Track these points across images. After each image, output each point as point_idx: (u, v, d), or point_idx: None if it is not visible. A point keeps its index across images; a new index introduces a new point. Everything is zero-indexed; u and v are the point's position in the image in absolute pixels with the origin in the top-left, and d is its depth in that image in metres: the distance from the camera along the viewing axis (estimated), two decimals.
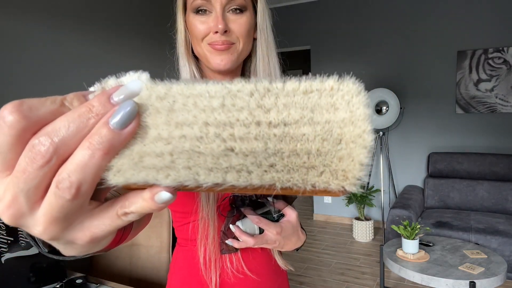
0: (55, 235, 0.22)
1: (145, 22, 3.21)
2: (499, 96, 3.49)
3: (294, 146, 0.20)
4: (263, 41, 0.70)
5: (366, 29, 4.07)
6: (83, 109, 0.21)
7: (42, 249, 0.30)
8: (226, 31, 0.64)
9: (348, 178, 0.20)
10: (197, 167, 0.21)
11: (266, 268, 0.76)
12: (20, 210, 0.21)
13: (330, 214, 4.48)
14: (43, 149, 0.20)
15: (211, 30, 0.64)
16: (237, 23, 0.65)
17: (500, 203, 3.31)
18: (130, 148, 0.21)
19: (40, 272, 1.20)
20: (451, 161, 3.57)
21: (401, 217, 3.06)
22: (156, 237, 1.75)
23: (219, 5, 0.63)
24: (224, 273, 0.72)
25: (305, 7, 4.37)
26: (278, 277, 0.80)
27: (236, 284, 0.73)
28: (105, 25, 2.83)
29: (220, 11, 0.63)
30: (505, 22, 3.43)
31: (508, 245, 2.74)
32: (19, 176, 0.20)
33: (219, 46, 0.64)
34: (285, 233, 0.66)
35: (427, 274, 2.07)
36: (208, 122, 0.21)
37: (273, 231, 0.64)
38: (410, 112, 3.92)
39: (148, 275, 1.72)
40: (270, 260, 0.77)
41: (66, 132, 0.20)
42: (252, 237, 0.64)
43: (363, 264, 3.24)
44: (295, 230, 0.69)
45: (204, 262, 0.70)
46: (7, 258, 1.14)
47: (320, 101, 0.21)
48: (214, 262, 0.70)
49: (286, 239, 0.67)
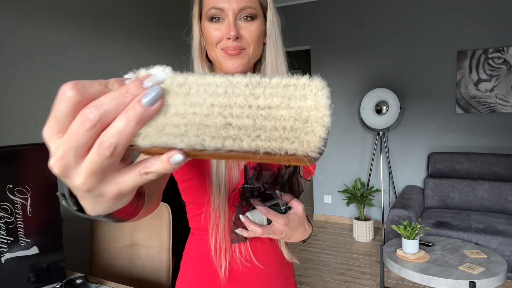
0: (91, 187, 0.29)
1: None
2: (499, 96, 3.49)
3: (274, 123, 0.28)
4: (272, 46, 0.75)
5: (366, 29, 4.07)
6: (122, 90, 0.27)
7: (72, 207, 0.35)
8: (238, 37, 0.69)
9: (311, 147, 0.28)
10: (204, 135, 0.29)
11: (273, 259, 0.81)
12: (68, 163, 0.27)
13: (330, 214, 4.48)
14: (92, 116, 0.26)
15: (224, 37, 0.69)
16: (248, 30, 0.70)
17: (500, 203, 3.31)
18: (155, 120, 0.29)
19: (40, 272, 1.20)
20: (451, 161, 3.57)
21: (401, 217, 3.06)
22: (156, 237, 1.75)
23: (232, 14, 0.68)
24: (233, 261, 0.77)
25: (305, 7, 4.37)
26: (284, 269, 0.84)
27: (244, 272, 0.78)
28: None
29: (232, 19, 0.69)
30: (505, 22, 3.43)
31: (508, 245, 2.74)
32: (71, 136, 0.26)
33: (231, 51, 0.70)
34: (291, 225, 0.70)
35: (427, 274, 2.07)
36: (214, 104, 0.29)
37: (281, 222, 0.68)
38: (410, 112, 3.92)
39: (148, 275, 1.72)
40: (277, 251, 0.81)
41: (109, 106, 0.27)
42: (260, 227, 0.68)
43: (363, 264, 3.24)
44: (302, 222, 0.73)
45: (215, 250, 0.75)
46: (7, 258, 1.14)
47: (295, 92, 0.29)
48: (224, 251, 0.75)
49: (292, 230, 0.71)
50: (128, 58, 3.08)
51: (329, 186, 4.42)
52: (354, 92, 4.21)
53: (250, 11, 0.70)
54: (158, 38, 3.34)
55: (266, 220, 0.71)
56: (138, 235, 1.77)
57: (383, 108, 3.71)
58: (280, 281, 0.83)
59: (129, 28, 3.07)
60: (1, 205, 1.11)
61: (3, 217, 1.12)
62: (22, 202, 1.15)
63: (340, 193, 4.29)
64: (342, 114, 4.28)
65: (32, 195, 1.17)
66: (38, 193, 1.18)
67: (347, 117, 4.27)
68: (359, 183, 4.04)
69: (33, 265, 1.19)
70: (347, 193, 3.96)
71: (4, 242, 1.13)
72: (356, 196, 3.86)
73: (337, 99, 4.30)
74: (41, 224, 1.20)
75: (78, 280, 1.26)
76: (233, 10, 0.68)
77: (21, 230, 1.15)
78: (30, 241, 1.18)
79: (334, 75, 4.30)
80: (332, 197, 4.44)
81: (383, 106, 3.71)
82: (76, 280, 1.26)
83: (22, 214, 1.15)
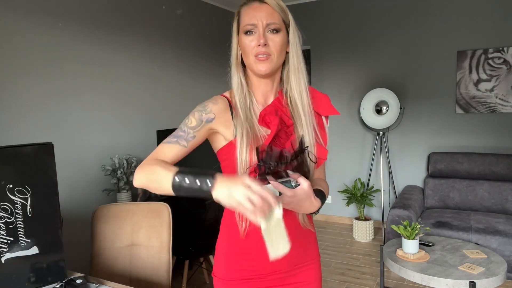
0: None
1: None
2: (499, 96, 3.49)
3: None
4: (294, 53, 0.99)
5: (366, 29, 4.07)
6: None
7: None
8: (266, 44, 0.93)
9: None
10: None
11: (289, 224, 0.95)
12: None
13: (330, 214, 4.48)
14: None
15: (256, 44, 0.93)
16: (273, 40, 0.94)
17: (500, 203, 3.31)
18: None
19: (40, 272, 1.20)
20: (451, 161, 3.57)
21: (401, 217, 3.06)
22: (156, 237, 1.75)
23: (261, 27, 0.93)
24: (252, 224, 0.95)
25: (305, 7, 4.37)
26: (302, 235, 1.05)
27: (260, 232, 0.95)
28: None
29: (262, 31, 0.93)
30: (505, 22, 3.43)
31: (508, 245, 2.74)
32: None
33: (261, 56, 0.93)
34: (298, 197, 0.88)
35: (427, 274, 2.07)
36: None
37: (288, 193, 0.87)
38: (410, 112, 3.92)
39: (148, 275, 1.72)
40: (294, 219, 1.02)
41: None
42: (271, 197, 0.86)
43: (363, 264, 3.24)
44: (308, 196, 0.89)
45: (239, 214, 0.98)
46: (7, 258, 1.14)
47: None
48: (246, 219, 0.97)
49: (299, 202, 0.89)
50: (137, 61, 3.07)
51: (329, 186, 4.42)
52: (354, 92, 4.21)
53: (275, 26, 0.93)
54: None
55: (278, 193, 0.87)
56: (138, 235, 1.77)
57: (383, 108, 3.71)
58: (297, 244, 1.00)
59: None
60: (1, 205, 1.11)
61: (3, 217, 1.12)
62: (22, 202, 1.15)
63: (340, 193, 4.29)
64: (342, 114, 4.29)
65: (32, 195, 1.17)
66: (38, 193, 1.18)
67: (347, 117, 4.27)
68: (359, 183, 4.04)
69: (33, 265, 1.19)
70: (347, 193, 3.96)
71: (4, 242, 1.13)
72: (356, 196, 3.87)
73: (337, 99, 4.30)
74: (41, 224, 1.20)
75: (78, 280, 1.26)
76: (262, 26, 0.92)
77: (21, 230, 1.16)
78: (30, 241, 1.18)
79: (334, 75, 4.30)
80: (332, 197, 4.44)
81: (383, 106, 3.71)
82: (76, 280, 1.26)
83: (22, 214, 1.15)
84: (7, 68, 2.21)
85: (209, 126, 0.98)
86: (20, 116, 2.28)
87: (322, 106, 1.06)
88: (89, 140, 2.73)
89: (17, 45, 2.25)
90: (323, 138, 1.06)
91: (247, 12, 0.95)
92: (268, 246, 0.81)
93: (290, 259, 1.01)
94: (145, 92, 3.24)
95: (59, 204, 1.25)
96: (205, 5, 3.97)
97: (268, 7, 0.94)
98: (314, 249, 1.10)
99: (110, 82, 2.90)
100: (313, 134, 0.99)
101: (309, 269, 1.07)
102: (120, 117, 3.00)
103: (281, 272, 1.02)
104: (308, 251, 1.07)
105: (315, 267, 1.09)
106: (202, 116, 0.97)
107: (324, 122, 1.08)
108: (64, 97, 2.55)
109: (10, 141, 2.21)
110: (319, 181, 1.11)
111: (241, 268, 1.01)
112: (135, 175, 0.92)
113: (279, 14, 0.95)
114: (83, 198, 2.68)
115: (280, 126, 0.97)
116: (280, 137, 0.97)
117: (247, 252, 1.01)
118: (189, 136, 0.96)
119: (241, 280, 1.01)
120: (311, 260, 1.08)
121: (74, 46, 2.61)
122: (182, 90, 3.67)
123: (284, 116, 0.99)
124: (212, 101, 1.00)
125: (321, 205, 0.97)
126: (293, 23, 0.98)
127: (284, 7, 0.97)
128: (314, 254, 1.10)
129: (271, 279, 1.01)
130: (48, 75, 2.43)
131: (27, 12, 2.30)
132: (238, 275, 1.01)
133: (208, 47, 3.96)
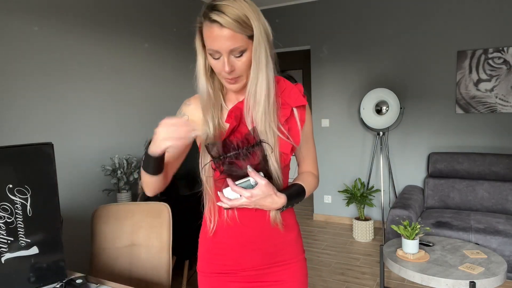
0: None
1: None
2: (499, 96, 3.49)
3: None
4: (259, 55, 0.90)
5: (366, 29, 4.07)
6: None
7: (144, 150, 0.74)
8: (232, 70, 0.90)
9: None
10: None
11: (256, 222, 1.01)
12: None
13: (330, 214, 4.48)
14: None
15: (222, 71, 0.90)
16: (239, 64, 0.90)
17: (500, 203, 3.31)
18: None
19: (40, 272, 1.20)
20: (451, 161, 3.57)
21: (401, 217, 3.06)
22: (156, 237, 1.75)
23: (225, 54, 0.88)
24: (221, 221, 1.03)
25: (305, 7, 4.37)
26: (273, 235, 1.03)
27: (230, 228, 1.02)
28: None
29: (226, 58, 0.88)
30: (505, 22, 3.43)
31: (508, 245, 2.74)
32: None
33: (230, 80, 0.93)
34: (256, 197, 0.91)
35: (427, 274, 2.07)
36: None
37: (245, 195, 0.91)
38: (410, 112, 3.92)
39: (148, 275, 1.72)
40: (263, 217, 1.01)
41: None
42: (230, 201, 0.93)
43: (363, 264, 3.24)
44: (267, 195, 0.92)
45: (209, 210, 1.04)
46: (7, 258, 1.14)
47: None
48: (213, 213, 1.04)
49: (259, 201, 0.92)
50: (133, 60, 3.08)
51: (329, 186, 4.42)
52: (354, 92, 4.21)
53: (239, 50, 0.88)
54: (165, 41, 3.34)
55: (239, 195, 0.92)
56: (138, 235, 1.77)
57: (383, 108, 3.71)
58: (270, 243, 1.02)
59: (134, 30, 3.07)
60: (1, 205, 1.11)
61: (3, 217, 1.12)
62: (22, 202, 1.15)
63: (340, 193, 4.29)
64: (342, 114, 4.29)
65: (32, 195, 1.17)
66: (38, 193, 1.18)
67: (347, 117, 4.27)
68: (359, 183, 4.04)
69: (33, 265, 1.19)
70: (347, 193, 3.96)
71: (4, 242, 1.13)
72: (356, 196, 3.87)
73: (337, 99, 4.30)
74: (41, 224, 1.20)
75: (78, 280, 1.26)
76: (226, 52, 0.87)
77: (21, 230, 1.16)
78: (30, 241, 1.18)
79: (334, 75, 4.30)
80: (332, 197, 4.44)
81: (383, 106, 3.71)
82: (76, 280, 1.26)
83: (22, 214, 1.15)
84: (7, 68, 2.20)
85: None
86: (20, 116, 2.28)
87: (292, 97, 1.00)
88: (89, 140, 2.73)
89: (17, 45, 2.25)
90: (293, 131, 1.00)
91: (208, 35, 0.87)
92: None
93: (262, 257, 1.02)
94: (145, 92, 3.24)
95: (59, 204, 1.25)
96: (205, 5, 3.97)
97: (229, 32, 0.85)
98: (294, 248, 1.06)
99: (110, 82, 2.90)
100: (273, 127, 0.93)
101: (288, 268, 1.05)
102: (120, 117, 3.00)
103: (253, 269, 1.02)
104: (285, 250, 1.05)
105: (297, 267, 1.06)
106: None
107: (296, 115, 1.01)
108: (64, 97, 2.55)
109: (10, 141, 2.21)
110: (304, 175, 1.08)
111: (215, 262, 1.05)
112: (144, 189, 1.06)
113: (242, 34, 0.86)
114: (83, 198, 2.68)
115: (237, 122, 0.96)
116: (242, 132, 0.96)
117: (219, 248, 1.04)
118: None
119: (217, 274, 1.04)
120: (291, 259, 1.05)
121: (74, 46, 2.61)
122: (182, 90, 3.66)
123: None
124: (185, 103, 1.06)
125: (294, 200, 0.98)
126: (258, 26, 0.88)
127: (245, 18, 0.86)
128: (294, 253, 1.06)
129: (244, 275, 1.03)
130: (48, 76, 2.43)
131: (27, 12, 2.30)
132: (213, 269, 1.05)
133: None
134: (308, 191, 1.03)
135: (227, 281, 1.04)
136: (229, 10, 0.85)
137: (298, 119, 1.01)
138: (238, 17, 0.85)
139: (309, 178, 1.08)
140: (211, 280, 1.05)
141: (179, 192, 3.02)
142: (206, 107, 0.98)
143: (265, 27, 0.90)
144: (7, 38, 2.20)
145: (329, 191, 4.45)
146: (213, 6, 0.87)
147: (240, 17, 0.85)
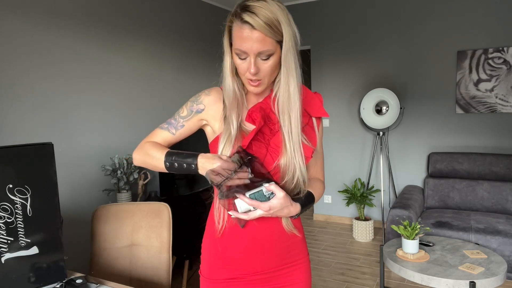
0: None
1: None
2: (499, 96, 3.49)
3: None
4: (287, 61, 0.91)
5: (366, 29, 4.07)
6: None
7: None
8: (257, 72, 0.90)
9: None
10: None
11: (270, 229, 1.01)
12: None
13: (330, 214, 4.48)
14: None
15: (247, 69, 0.91)
16: (264, 67, 0.90)
17: (500, 203, 3.31)
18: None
19: (40, 272, 1.20)
20: (451, 161, 3.57)
21: (401, 217, 3.06)
22: (156, 237, 1.75)
23: (253, 55, 0.88)
24: (230, 222, 1.01)
25: (305, 7, 4.37)
26: (287, 239, 1.04)
27: (243, 232, 1.01)
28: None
29: (253, 59, 0.89)
30: (505, 22, 3.43)
31: (508, 245, 2.74)
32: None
33: (252, 83, 0.93)
34: (274, 209, 0.90)
35: (427, 274, 2.07)
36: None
37: (264, 208, 0.89)
38: (410, 112, 3.92)
39: (148, 275, 1.72)
40: (276, 223, 1.01)
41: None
42: (247, 215, 0.91)
43: (363, 264, 3.24)
44: (285, 206, 0.92)
45: (218, 212, 1.01)
46: (7, 258, 1.14)
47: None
48: (223, 219, 1.01)
49: (276, 212, 0.92)
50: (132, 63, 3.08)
51: (329, 186, 4.42)
52: (354, 92, 4.21)
53: (266, 54, 0.88)
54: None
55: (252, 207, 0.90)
56: (138, 235, 1.77)
57: (383, 108, 3.71)
58: (280, 246, 1.02)
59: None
60: (1, 205, 1.11)
61: (3, 217, 1.12)
62: (22, 202, 1.15)
63: (340, 193, 4.29)
64: (342, 114, 4.29)
65: (32, 195, 1.17)
66: (38, 193, 1.18)
67: (347, 117, 4.27)
68: (359, 183, 4.04)
69: (33, 265, 1.19)
70: (347, 193, 3.96)
71: (4, 242, 1.13)
72: (356, 196, 3.86)
73: (337, 99, 4.30)
74: (41, 224, 1.20)
75: (78, 280, 1.26)
76: (254, 53, 0.87)
77: (21, 230, 1.16)
78: (30, 241, 1.18)
79: (334, 75, 4.30)
80: (332, 197, 4.44)
81: (383, 106, 3.71)
82: (76, 280, 1.26)
83: (22, 214, 1.15)
84: (7, 68, 2.20)
85: (198, 117, 1.02)
86: (20, 116, 2.28)
87: (313, 107, 1.04)
88: (89, 140, 2.73)
89: (17, 45, 2.25)
90: (311, 138, 1.03)
91: (238, 36, 0.87)
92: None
93: (273, 261, 1.02)
94: (145, 92, 3.24)
95: (59, 204, 1.25)
96: (205, 5, 3.98)
97: (259, 34, 0.84)
98: (300, 251, 1.08)
99: (110, 82, 2.90)
100: (298, 133, 0.96)
101: (294, 270, 1.06)
102: (120, 117, 3.00)
103: (263, 273, 1.02)
104: (292, 253, 1.06)
105: (302, 268, 1.08)
106: (193, 107, 1.03)
107: (314, 122, 1.05)
108: (64, 97, 2.55)
109: (10, 141, 2.21)
110: (313, 181, 1.10)
111: (223, 267, 1.02)
112: (134, 155, 1.02)
113: (272, 38, 0.86)
114: (83, 198, 2.68)
115: (264, 122, 0.97)
116: (264, 133, 0.98)
117: (228, 251, 1.01)
118: (178, 124, 1.02)
119: (224, 280, 1.01)
120: (297, 261, 1.07)
121: (74, 45, 2.61)
122: (182, 89, 3.67)
123: (271, 113, 0.99)
124: (205, 92, 1.04)
125: (305, 208, 0.99)
126: (289, 32, 0.88)
127: (277, 23, 0.86)
128: (300, 255, 1.08)
129: (253, 279, 1.01)
130: (48, 75, 2.43)
131: (27, 11, 2.30)
132: (221, 274, 1.02)
133: (209, 47, 3.96)
134: (317, 198, 1.05)
135: (235, 287, 1.01)
136: (262, 13, 0.84)
137: (315, 126, 1.06)
138: (270, 20, 0.84)
139: (318, 184, 1.09)
140: (217, 286, 1.02)
141: (179, 192, 3.03)
142: (231, 105, 0.97)
143: (295, 34, 0.90)
144: (7, 38, 2.20)
145: (329, 191, 4.45)
146: (246, 7, 0.85)
147: (272, 21, 0.84)
